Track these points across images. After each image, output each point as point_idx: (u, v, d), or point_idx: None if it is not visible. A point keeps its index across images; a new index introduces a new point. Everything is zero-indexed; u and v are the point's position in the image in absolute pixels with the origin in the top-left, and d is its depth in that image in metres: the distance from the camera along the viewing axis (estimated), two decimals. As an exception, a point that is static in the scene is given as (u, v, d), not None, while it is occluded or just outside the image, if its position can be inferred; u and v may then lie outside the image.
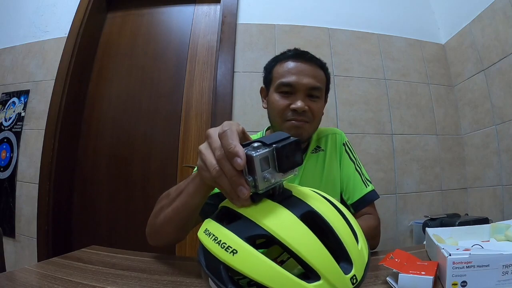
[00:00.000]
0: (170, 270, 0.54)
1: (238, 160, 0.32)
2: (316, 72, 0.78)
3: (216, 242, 0.31)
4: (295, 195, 0.35)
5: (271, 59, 0.85)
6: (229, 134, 0.34)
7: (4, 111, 1.72)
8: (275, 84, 0.78)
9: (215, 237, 0.32)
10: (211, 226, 0.34)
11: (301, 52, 0.81)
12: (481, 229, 0.66)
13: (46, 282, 0.46)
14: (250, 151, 0.32)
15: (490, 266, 0.40)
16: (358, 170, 0.82)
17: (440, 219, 1.23)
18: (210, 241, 0.32)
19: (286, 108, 0.76)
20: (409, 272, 0.41)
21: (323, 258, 0.29)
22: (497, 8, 1.32)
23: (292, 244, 0.29)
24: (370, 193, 0.80)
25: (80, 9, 1.72)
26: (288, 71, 0.77)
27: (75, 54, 1.64)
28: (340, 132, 0.89)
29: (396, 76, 1.62)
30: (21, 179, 1.60)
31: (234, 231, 0.31)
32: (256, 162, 0.31)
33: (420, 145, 1.56)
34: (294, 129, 0.75)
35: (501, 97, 1.32)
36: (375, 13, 1.70)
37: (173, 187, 0.60)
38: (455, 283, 0.40)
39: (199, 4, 1.81)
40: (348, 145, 0.87)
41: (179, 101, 1.67)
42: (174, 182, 1.59)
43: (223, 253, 0.30)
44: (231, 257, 0.29)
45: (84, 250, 0.70)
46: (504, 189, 1.30)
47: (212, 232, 0.33)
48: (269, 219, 0.31)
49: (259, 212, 0.32)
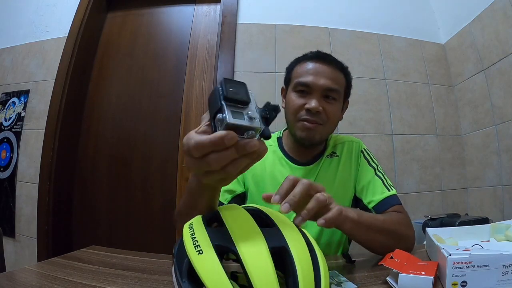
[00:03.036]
0: (170, 270, 0.54)
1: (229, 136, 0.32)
2: (335, 74, 0.77)
3: (191, 237, 0.33)
4: (277, 224, 0.37)
5: (293, 60, 0.85)
6: (191, 143, 0.34)
7: (4, 111, 1.72)
8: (292, 84, 0.79)
9: (192, 233, 0.34)
10: (196, 223, 0.37)
11: (323, 54, 0.80)
12: (481, 229, 0.66)
13: (46, 282, 0.46)
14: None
15: (490, 266, 0.40)
16: (379, 175, 0.80)
17: (440, 219, 1.22)
18: (188, 235, 0.34)
19: (300, 107, 0.76)
20: (409, 272, 0.41)
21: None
22: (497, 8, 1.32)
23: (253, 275, 0.29)
24: (392, 197, 0.77)
25: (80, 9, 1.72)
26: (306, 71, 0.77)
27: (75, 54, 1.64)
28: (357, 140, 0.88)
29: (396, 76, 1.62)
30: (21, 179, 1.60)
31: (211, 234, 0.33)
32: (215, 94, 0.33)
33: (420, 145, 1.56)
34: (305, 130, 0.75)
35: (501, 97, 1.32)
36: (375, 13, 1.70)
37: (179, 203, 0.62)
38: (455, 283, 0.40)
39: (199, 4, 1.81)
40: (366, 152, 0.86)
41: (179, 101, 1.67)
42: (174, 182, 1.59)
43: (191, 249, 0.32)
44: (195, 256, 0.31)
45: (84, 250, 0.70)
46: (504, 189, 1.30)
47: (194, 228, 0.35)
48: (244, 242, 0.32)
49: (240, 228, 0.34)
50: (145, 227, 1.56)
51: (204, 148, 0.32)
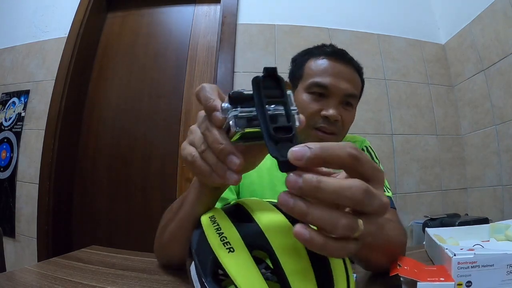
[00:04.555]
0: (170, 270, 0.54)
1: (217, 114, 0.27)
2: (354, 77, 0.70)
3: (217, 232, 0.30)
4: None
5: (302, 51, 0.75)
6: (207, 89, 0.30)
7: (4, 111, 1.72)
8: (306, 83, 0.69)
9: (218, 228, 0.31)
10: (218, 215, 0.33)
11: (340, 51, 0.71)
12: (480, 229, 0.66)
13: (46, 282, 0.46)
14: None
15: (494, 265, 0.40)
16: None
17: (440, 219, 1.23)
18: (212, 229, 0.31)
19: (316, 114, 0.66)
20: (427, 279, 0.39)
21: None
22: (497, 8, 1.32)
23: (288, 277, 0.27)
24: (389, 198, 0.70)
25: (80, 9, 1.72)
26: (324, 71, 0.67)
27: (75, 54, 1.64)
28: (361, 139, 0.84)
29: (396, 76, 1.62)
30: (21, 179, 1.60)
31: (241, 231, 0.30)
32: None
33: (420, 145, 1.56)
34: (320, 141, 0.66)
35: (501, 97, 1.32)
36: (375, 13, 1.70)
37: (176, 199, 0.52)
38: (460, 283, 0.40)
39: (199, 4, 1.81)
40: (369, 150, 0.82)
41: (179, 101, 1.67)
42: (174, 182, 1.59)
43: (219, 246, 0.28)
44: (225, 254, 0.28)
45: (84, 250, 0.70)
46: (504, 189, 1.30)
47: (218, 222, 0.32)
48: (280, 243, 0.28)
49: (272, 223, 0.30)
50: (145, 227, 1.56)
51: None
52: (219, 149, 0.28)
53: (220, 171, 0.28)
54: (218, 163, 0.28)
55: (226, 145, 0.27)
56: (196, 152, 0.30)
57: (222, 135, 0.28)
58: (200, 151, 0.30)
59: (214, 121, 0.28)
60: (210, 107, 0.28)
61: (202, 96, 0.29)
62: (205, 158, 0.30)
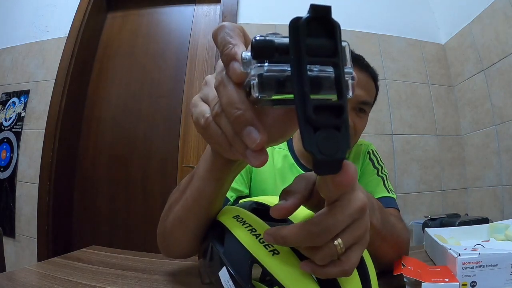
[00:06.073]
0: (170, 270, 0.54)
1: (235, 65, 0.21)
2: (370, 84, 0.69)
3: (253, 234, 0.26)
4: None
5: None
6: (227, 29, 0.23)
7: (4, 111, 1.72)
8: None
9: (252, 229, 0.27)
10: (245, 215, 0.29)
11: (357, 56, 0.69)
12: (480, 229, 0.66)
13: (46, 282, 0.46)
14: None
15: (499, 265, 0.40)
16: (382, 176, 0.75)
17: (440, 219, 1.22)
18: (243, 230, 0.27)
19: None
20: (431, 280, 0.39)
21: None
22: (497, 8, 1.32)
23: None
24: (390, 198, 0.70)
25: (80, 9, 1.72)
26: None
27: (75, 54, 1.64)
28: (367, 143, 0.84)
29: (396, 76, 1.62)
30: (21, 179, 1.60)
31: None
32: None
33: (420, 145, 1.56)
34: None
35: (501, 97, 1.32)
36: (375, 13, 1.70)
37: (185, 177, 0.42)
38: (465, 284, 0.40)
39: (199, 4, 1.81)
40: (373, 154, 0.81)
41: (179, 101, 1.67)
42: (174, 182, 1.59)
43: (259, 249, 0.25)
44: (269, 257, 0.25)
45: (84, 250, 0.70)
46: (504, 189, 1.30)
47: (249, 222, 0.28)
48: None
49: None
50: (145, 227, 1.56)
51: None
52: (234, 116, 0.21)
53: (239, 146, 0.22)
54: (235, 136, 0.22)
55: (244, 111, 0.20)
56: (210, 113, 0.23)
57: (240, 95, 0.21)
58: (214, 113, 0.23)
59: (231, 74, 0.21)
60: (228, 55, 0.21)
61: (220, 39, 0.22)
62: (219, 123, 0.23)
